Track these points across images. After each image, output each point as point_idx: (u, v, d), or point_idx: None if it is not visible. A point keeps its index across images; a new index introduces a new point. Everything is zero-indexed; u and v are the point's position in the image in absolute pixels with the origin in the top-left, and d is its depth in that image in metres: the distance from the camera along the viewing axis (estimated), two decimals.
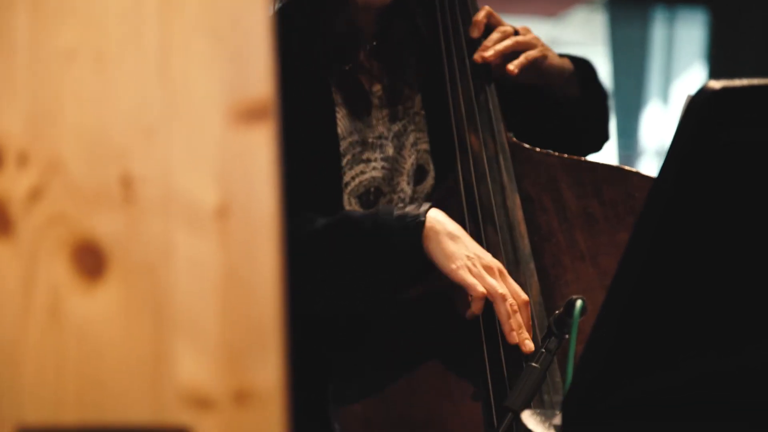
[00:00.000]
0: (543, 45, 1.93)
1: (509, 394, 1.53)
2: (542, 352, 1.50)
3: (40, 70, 0.84)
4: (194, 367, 0.85)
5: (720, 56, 6.84)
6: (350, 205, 1.85)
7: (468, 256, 1.66)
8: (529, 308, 1.68)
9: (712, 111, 1.08)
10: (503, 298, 1.64)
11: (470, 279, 1.65)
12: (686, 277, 1.16)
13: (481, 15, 1.90)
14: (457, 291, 1.68)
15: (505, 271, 1.69)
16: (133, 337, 0.85)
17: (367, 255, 1.71)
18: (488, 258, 1.68)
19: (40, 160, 0.84)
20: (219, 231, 0.86)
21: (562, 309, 1.48)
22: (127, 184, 0.85)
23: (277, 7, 1.89)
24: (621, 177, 1.81)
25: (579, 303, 1.43)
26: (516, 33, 1.91)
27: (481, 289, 1.64)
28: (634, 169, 1.82)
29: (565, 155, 1.85)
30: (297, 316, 1.13)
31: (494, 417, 1.65)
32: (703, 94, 1.08)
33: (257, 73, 0.87)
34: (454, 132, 1.85)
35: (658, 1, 7.83)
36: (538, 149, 1.86)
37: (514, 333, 1.63)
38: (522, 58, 1.88)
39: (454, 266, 1.66)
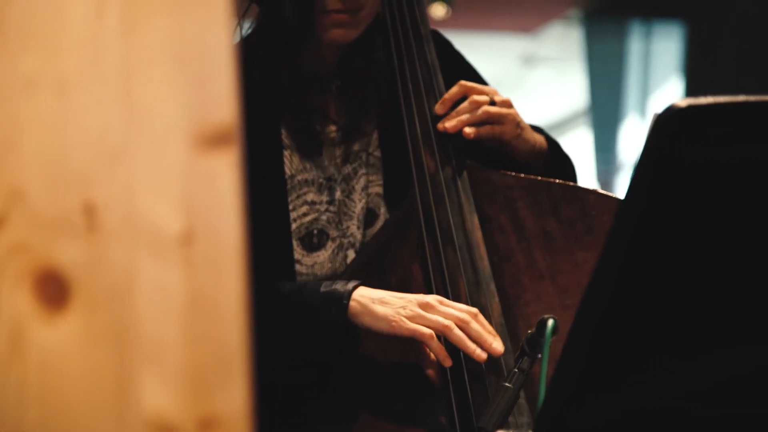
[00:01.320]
0: (517, 121, 1.89)
1: (482, 415, 1.53)
2: (515, 372, 1.50)
3: (1, 97, 0.84)
4: (159, 395, 0.84)
5: (696, 69, 6.88)
6: (293, 247, 1.85)
7: (401, 307, 1.67)
8: (480, 317, 1.68)
9: (678, 129, 1.08)
10: (450, 328, 1.64)
11: (412, 326, 1.65)
12: (656, 294, 1.16)
13: (453, 91, 1.88)
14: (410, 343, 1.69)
15: (442, 299, 1.69)
16: (98, 366, 0.84)
17: (295, 328, 1.72)
18: (420, 297, 1.69)
19: (1, 188, 0.84)
20: (183, 257, 0.85)
21: (534, 329, 1.48)
22: (89, 211, 0.84)
23: (244, 33, 1.89)
24: (578, 195, 1.82)
25: (551, 322, 1.44)
26: (493, 103, 1.87)
27: (426, 331, 1.64)
28: (590, 188, 1.84)
29: (522, 175, 1.86)
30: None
31: None
32: (669, 112, 1.08)
33: (221, 98, 0.87)
34: (411, 154, 1.85)
35: (634, 14, 7.86)
36: (495, 170, 1.86)
37: (479, 351, 1.64)
38: (486, 129, 1.86)
39: (393, 324, 1.66)
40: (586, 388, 1.19)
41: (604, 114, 7.90)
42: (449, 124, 1.84)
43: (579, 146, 9.03)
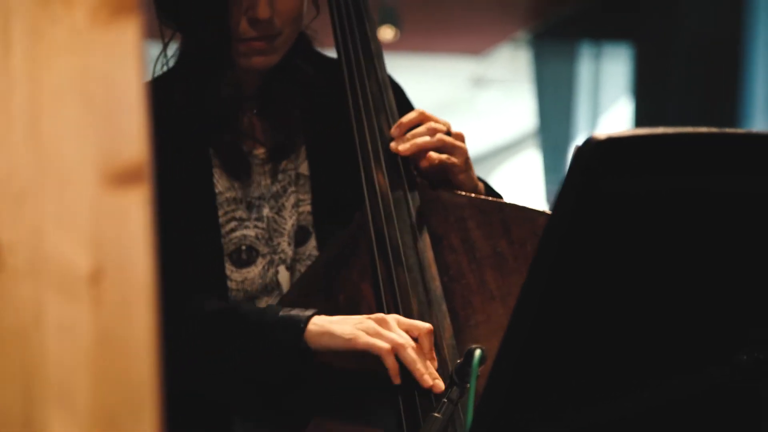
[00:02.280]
0: (466, 157, 1.90)
1: None
2: (444, 402, 1.50)
3: None
4: None
5: (645, 90, 6.93)
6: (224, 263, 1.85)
7: (358, 323, 1.68)
8: (432, 335, 1.68)
9: (597, 161, 1.09)
10: (404, 346, 1.64)
11: (370, 340, 1.66)
12: (578, 322, 1.17)
13: (410, 117, 1.88)
14: (362, 361, 1.68)
15: (399, 318, 1.70)
16: (4, 406, 0.83)
17: (248, 350, 1.72)
18: (377, 315, 1.69)
19: None
20: (92, 295, 0.85)
21: (462, 359, 1.48)
22: None
23: (163, 68, 1.90)
24: (528, 216, 1.82)
25: (478, 352, 1.44)
26: (448, 134, 1.88)
27: (385, 345, 1.64)
28: (541, 209, 1.84)
29: (473, 195, 1.86)
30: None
31: None
32: (589, 144, 1.09)
33: (131, 135, 0.87)
34: (362, 172, 1.85)
35: (583, 36, 7.90)
36: (446, 189, 1.87)
37: (426, 377, 1.64)
38: (439, 157, 1.86)
39: (349, 338, 1.66)
40: (511, 416, 1.19)
41: (554, 135, 7.94)
42: (403, 146, 1.85)
43: (528, 168, 9.07)
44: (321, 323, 1.69)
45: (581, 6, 7.50)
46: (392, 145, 1.86)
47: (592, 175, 1.09)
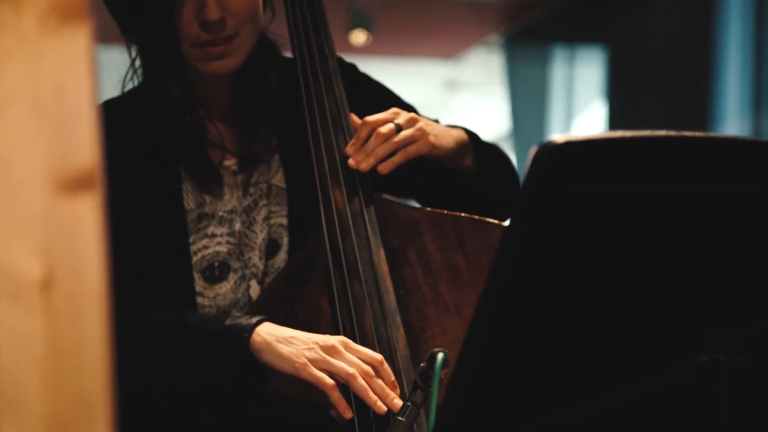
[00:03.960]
0: (427, 132, 1.87)
1: None
2: (408, 405, 1.50)
3: None
4: None
5: (618, 93, 6.95)
6: (195, 280, 1.85)
7: (306, 349, 1.66)
8: (385, 365, 1.67)
9: (555, 164, 1.09)
10: (354, 376, 1.64)
11: (317, 373, 1.65)
12: (539, 324, 1.17)
13: (360, 135, 1.86)
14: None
15: (349, 342, 1.69)
16: None
17: (195, 361, 1.72)
18: (326, 339, 1.68)
19: None
20: (43, 303, 0.84)
21: (425, 362, 1.48)
22: None
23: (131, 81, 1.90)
24: (483, 229, 1.84)
25: (441, 355, 1.44)
26: (399, 128, 1.86)
27: (329, 382, 1.64)
28: (495, 221, 1.85)
29: (428, 209, 1.86)
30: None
31: None
32: (547, 148, 1.09)
33: (81, 141, 0.86)
34: (318, 189, 1.85)
35: (556, 39, 7.92)
36: (401, 203, 1.87)
37: (380, 404, 1.64)
38: (399, 156, 1.85)
39: (296, 366, 1.65)
40: (472, 419, 1.19)
41: (528, 139, 7.95)
42: (364, 165, 1.84)
43: None
44: (268, 339, 1.68)
45: (554, 9, 7.51)
46: (351, 162, 1.85)
47: (549, 178, 1.09)
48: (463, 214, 1.87)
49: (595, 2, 7.14)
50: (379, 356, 1.68)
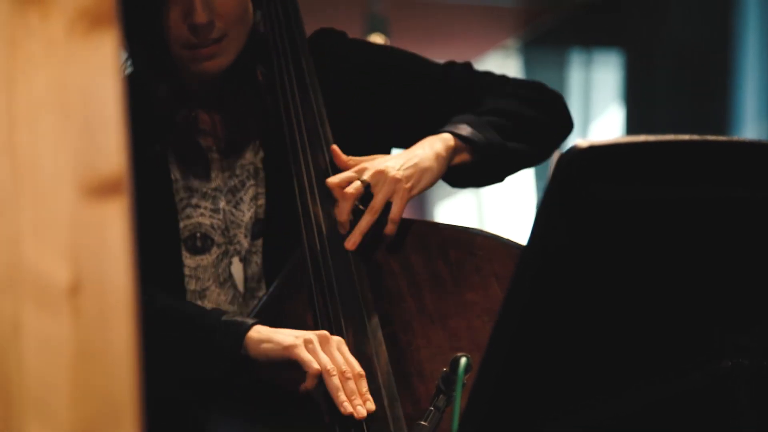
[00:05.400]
0: (399, 179, 1.80)
1: None
2: (431, 410, 1.50)
3: None
4: None
5: (635, 97, 6.93)
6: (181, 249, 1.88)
7: (300, 334, 1.69)
8: (363, 380, 1.68)
9: (579, 169, 1.09)
10: (330, 373, 1.66)
11: (305, 355, 1.67)
12: (561, 329, 1.17)
13: (341, 210, 1.82)
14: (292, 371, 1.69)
15: (343, 344, 1.71)
16: None
17: (187, 351, 1.74)
18: (323, 333, 1.70)
19: None
20: (71, 308, 0.85)
21: (448, 367, 1.48)
22: None
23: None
24: (465, 237, 1.83)
25: (464, 360, 1.44)
26: (368, 186, 1.81)
27: (315, 366, 1.66)
28: (477, 229, 1.85)
29: (409, 219, 1.86)
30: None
31: None
32: (571, 152, 1.09)
33: (109, 147, 0.87)
34: (299, 206, 1.85)
35: (573, 44, 7.90)
36: (382, 215, 1.85)
37: (346, 403, 1.65)
38: (390, 227, 1.81)
39: (287, 345, 1.67)
40: (495, 426, 1.19)
41: None
42: (350, 244, 1.82)
43: (520, 175, 9.08)
44: (264, 332, 1.71)
45: (571, 13, 7.50)
46: (347, 245, 1.82)
47: (573, 183, 1.10)
48: (444, 222, 1.87)
49: (612, 6, 7.12)
50: (360, 370, 1.69)
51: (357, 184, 1.80)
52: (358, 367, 1.69)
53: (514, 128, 1.94)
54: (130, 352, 0.85)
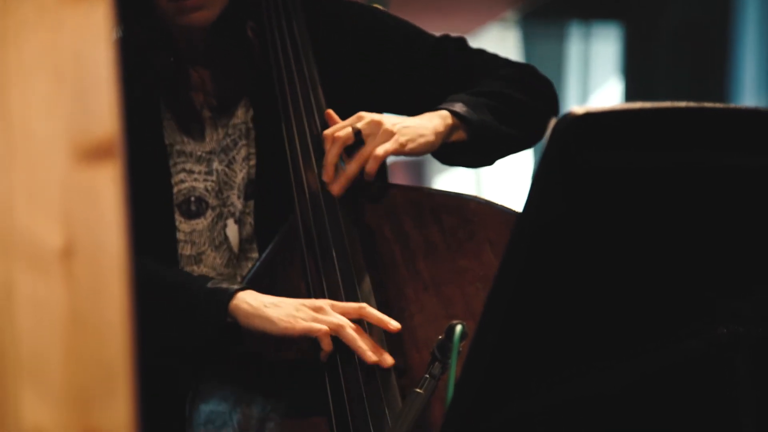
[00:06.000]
0: (393, 132, 1.80)
1: (393, 421, 1.53)
2: (426, 378, 1.50)
3: None
4: (39, 412, 0.83)
5: (634, 70, 6.92)
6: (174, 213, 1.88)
7: (294, 309, 1.70)
8: (369, 309, 1.70)
9: (575, 136, 1.09)
10: (343, 327, 1.67)
11: (307, 324, 1.67)
12: (558, 297, 1.17)
13: (328, 159, 1.83)
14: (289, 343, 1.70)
15: (335, 303, 1.72)
16: None
17: (173, 319, 1.75)
18: (313, 301, 1.71)
19: None
20: (64, 272, 0.85)
21: (443, 334, 1.48)
22: None
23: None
24: (459, 203, 1.83)
25: (459, 328, 1.44)
26: (358, 132, 1.80)
27: (321, 327, 1.67)
28: (471, 195, 1.84)
29: (402, 185, 1.86)
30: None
31: None
32: (566, 119, 1.08)
33: (101, 111, 0.86)
34: (291, 173, 1.85)
35: (572, 16, 7.88)
36: (375, 182, 1.84)
37: (369, 353, 1.67)
38: (371, 163, 1.78)
39: (285, 325, 1.68)
40: (491, 393, 1.19)
41: None
42: (335, 188, 1.81)
43: None
44: (254, 304, 1.71)
45: None
46: (331, 188, 1.82)
47: (569, 150, 1.09)
48: (438, 189, 1.87)
49: None
50: (359, 305, 1.70)
51: (348, 129, 1.80)
52: (356, 304, 1.72)
53: (508, 112, 1.93)
54: (123, 315, 0.85)
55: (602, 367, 1.23)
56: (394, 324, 1.68)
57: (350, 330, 1.67)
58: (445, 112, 1.86)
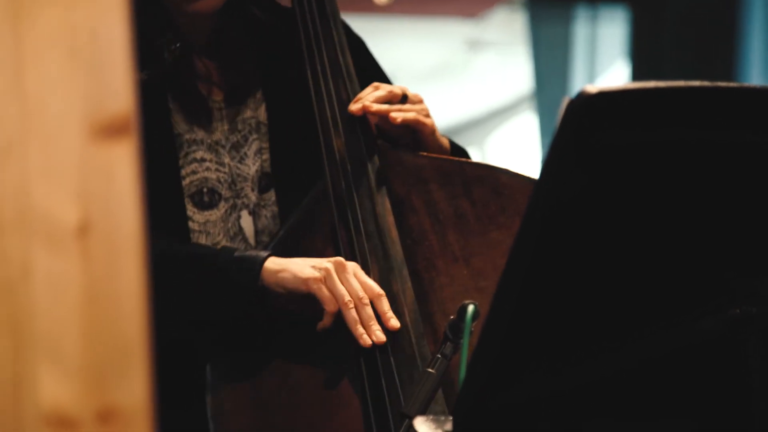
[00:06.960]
0: (430, 116, 1.87)
1: (404, 401, 1.53)
2: (438, 358, 1.50)
3: None
4: (56, 387, 0.84)
5: (642, 54, 6.91)
6: (185, 204, 1.87)
7: (316, 264, 1.70)
8: (383, 300, 1.69)
9: (588, 115, 1.09)
10: (348, 305, 1.67)
11: (324, 293, 1.68)
12: (571, 276, 1.17)
13: (366, 90, 1.86)
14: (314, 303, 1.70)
15: (359, 268, 1.72)
16: None
17: (204, 290, 1.74)
18: (338, 260, 1.71)
19: None
20: (80, 249, 0.85)
21: (455, 314, 1.48)
22: None
23: None
24: (490, 175, 1.82)
25: (471, 308, 1.44)
26: (405, 97, 1.86)
27: (333, 305, 1.67)
28: (502, 167, 1.83)
29: (434, 155, 1.85)
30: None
31: (373, 427, 1.66)
32: (580, 98, 1.08)
33: (117, 87, 0.86)
34: (321, 138, 1.85)
35: None
36: (406, 151, 1.85)
37: (365, 337, 1.67)
38: (411, 114, 1.83)
39: (304, 277, 1.69)
40: (503, 371, 1.19)
41: (550, 99, 7.90)
42: (356, 107, 1.83)
43: (525, 131, 9.07)
44: (280, 262, 1.72)
45: None
46: (351, 107, 1.84)
47: (583, 128, 1.09)
48: (470, 161, 1.86)
49: None
50: (380, 291, 1.70)
51: (398, 88, 1.85)
52: (377, 288, 1.70)
53: None
54: (139, 291, 0.85)
55: (615, 346, 1.24)
56: (394, 323, 1.69)
57: (353, 312, 1.67)
58: (446, 142, 1.94)
